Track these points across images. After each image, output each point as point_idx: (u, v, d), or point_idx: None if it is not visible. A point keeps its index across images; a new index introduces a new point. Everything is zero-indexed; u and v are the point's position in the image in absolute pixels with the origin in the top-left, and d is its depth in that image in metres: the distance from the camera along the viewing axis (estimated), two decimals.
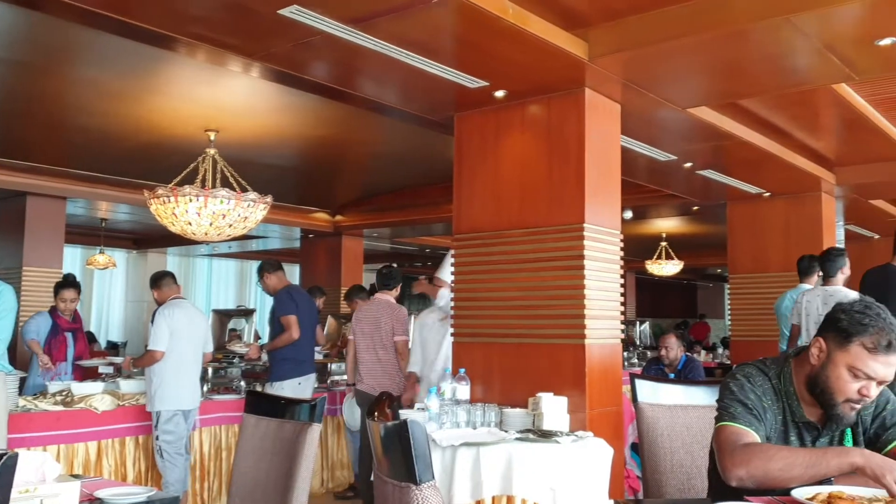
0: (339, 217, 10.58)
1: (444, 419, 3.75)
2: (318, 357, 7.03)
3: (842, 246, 8.47)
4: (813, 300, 5.76)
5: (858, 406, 1.99)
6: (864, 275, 4.71)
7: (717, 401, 2.13)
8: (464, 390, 4.14)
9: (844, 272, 5.73)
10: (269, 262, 5.85)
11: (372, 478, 1.94)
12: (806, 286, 5.87)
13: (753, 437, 2.00)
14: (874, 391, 1.97)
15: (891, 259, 4.44)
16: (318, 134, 6.64)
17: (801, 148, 6.34)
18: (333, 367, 6.67)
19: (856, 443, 2.11)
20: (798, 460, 1.90)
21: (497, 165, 4.65)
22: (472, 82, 4.22)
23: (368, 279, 12.19)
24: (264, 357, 5.93)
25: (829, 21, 3.48)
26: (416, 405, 4.40)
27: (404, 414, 3.78)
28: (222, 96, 5.56)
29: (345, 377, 6.68)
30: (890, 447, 2.06)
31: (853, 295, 4.98)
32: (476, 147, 4.76)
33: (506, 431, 3.72)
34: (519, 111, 4.57)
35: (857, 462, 1.85)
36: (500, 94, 4.42)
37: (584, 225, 4.23)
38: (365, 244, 11.52)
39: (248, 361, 6.11)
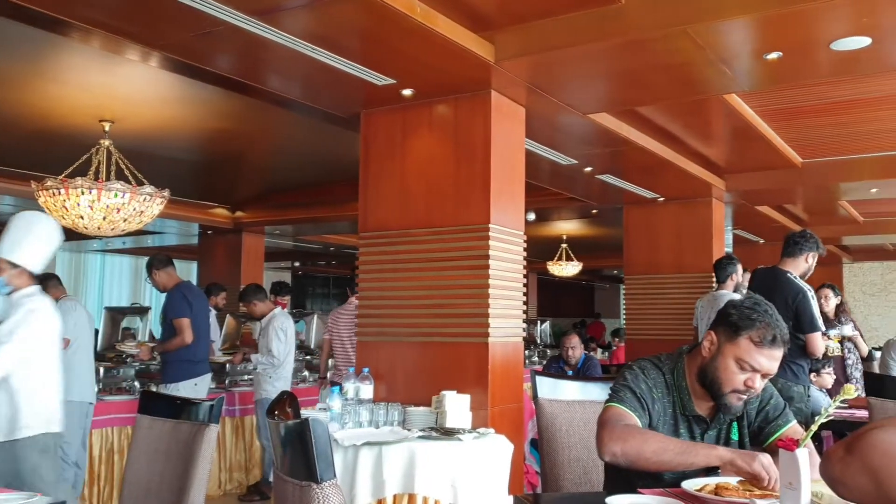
0: (239, 213, 10.32)
1: (347, 419, 3.72)
2: (219, 357, 6.85)
3: (730, 251, 8.91)
4: (704, 305, 6.09)
5: (745, 396, 2.11)
6: (753, 272, 4.99)
7: (611, 386, 2.23)
8: (367, 389, 4.12)
9: (734, 278, 6.08)
10: (159, 258, 5.63)
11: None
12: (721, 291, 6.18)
13: (636, 421, 2.11)
14: (759, 383, 2.09)
15: (779, 262, 4.71)
16: (220, 127, 6.46)
17: (694, 155, 6.62)
18: (231, 367, 6.51)
19: (741, 435, 2.23)
20: (670, 447, 2.01)
21: (404, 164, 4.65)
22: (379, 80, 4.20)
23: (270, 277, 11.97)
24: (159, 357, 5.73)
25: (723, 34, 3.65)
26: (318, 405, 4.35)
27: (305, 413, 3.73)
28: (118, 85, 5.33)
29: (246, 377, 6.58)
30: (772, 439, 2.18)
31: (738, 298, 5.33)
32: (383, 145, 4.74)
33: (409, 430, 3.73)
34: (426, 110, 4.59)
35: (725, 455, 1.96)
36: (407, 92, 4.42)
37: (490, 225, 4.29)
38: (266, 242, 11.28)
39: (140, 362, 5.88)
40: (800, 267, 4.54)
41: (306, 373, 6.75)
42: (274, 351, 5.83)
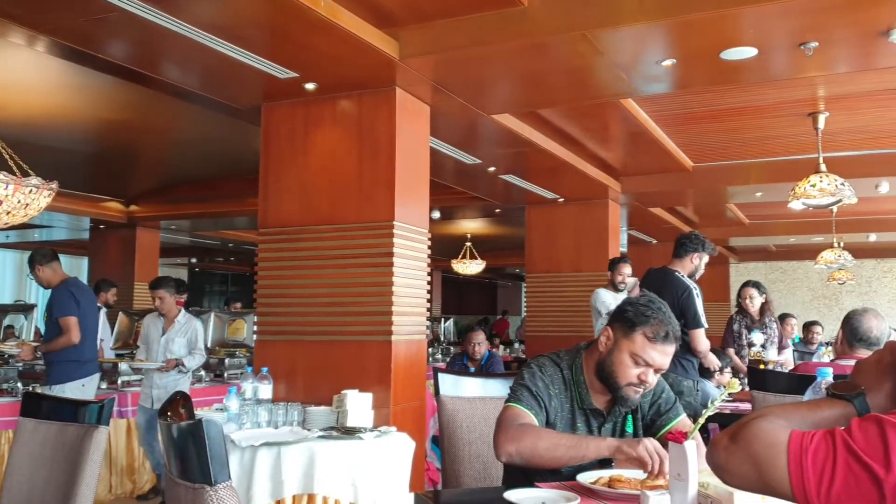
0: (133, 207, 9.92)
1: (245, 419, 3.64)
2: (111, 356, 6.57)
3: (625, 250, 9.23)
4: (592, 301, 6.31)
5: (639, 390, 2.19)
6: (646, 272, 5.17)
7: (511, 385, 2.28)
8: (266, 389, 4.03)
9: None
10: (42, 252, 5.33)
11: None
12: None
13: (532, 419, 2.16)
14: (652, 377, 2.18)
15: (669, 262, 4.91)
16: (114, 118, 6.19)
17: (592, 158, 6.81)
18: (123, 366, 6.25)
19: (635, 428, 2.31)
20: (562, 442, 2.08)
21: (306, 159, 4.58)
22: (281, 73, 4.12)
23: (165, 274, 11.54)
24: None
25: (620, 40, 3.77)
26: (215, 405, 4.24)
27: (201, 414, 3.62)
28: (2, 71, 5.02)
29: (136, 377, 6.31)
30: (663, 432, 2.26)
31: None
32: (284, 139, 4.66)
33: (308, 430, 3.68)
34: (330, 105, 4.53)
35: (612, 444, 2.05)
36: (310, 86, 4.36)
37: (394, 223, 4.28)
38: (162, 237, 10.89)
39: (23, 362, 5.56)
40: (687, 267, 4.76)
41: (203, 373, 6.55)
42: (203, 348, 5.68)
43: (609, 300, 6.05)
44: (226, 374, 6.58)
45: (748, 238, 11.99)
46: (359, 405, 3.88)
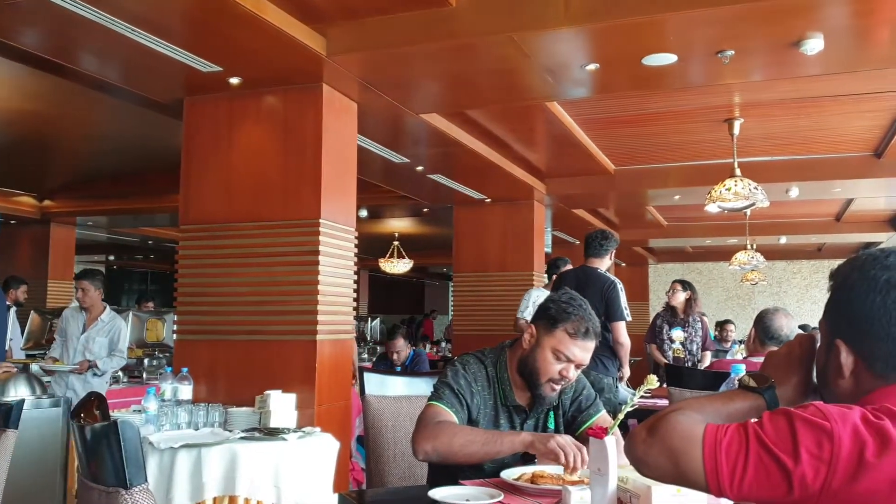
0: (47, 202, 9.53)
1: (164, 421, 3.54)
2: (21, 357, 6.28)
3: (549, 251, 9.38)
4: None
5: (559, 386, 2.23)
6: (562, 274, 5.28)
7: (434, 384, 2.30)
8: (186, 390, 3.94)
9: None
10: None
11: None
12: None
13: (452, 417, 2.18)
14: (573, 373, 2.23)
15: (586, 261, 5.02)
16: (26, 108, 5.92)
17: (519, 159, 6.89)
18: (34, 368, 5.99)
19: (557, 424, 2.36)
20: (477, 438, 2.11)
21: (230, 155, 4.49)
22: (204, 66, 4.03)
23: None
24: None
25: (546, 44, 3.82)
26: (133, 407, 4.12)
27: (116, 416, 3.51)
28: None
29: (47, 379, 6.06)
30: (583, 428, 2.31)
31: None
32: (207, 134, 4.55)
33: (230, 431, 3.61)
34: (254, 101, 4.45)
35: (526, 439, 2.08)
36: (234, 80, 4.27)
37: (320, 220, 4.23)
38: (78, 233, 10.49)
39: None
40: (605, 264, 4.91)
41: (120, 373, 6.34)
42: (125, 351, 5.46)
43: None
44: (144, 375, 6.39)
45: (666, 240, 12.35)
46: (282, 406, 3.83)
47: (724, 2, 3.31)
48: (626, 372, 4.85)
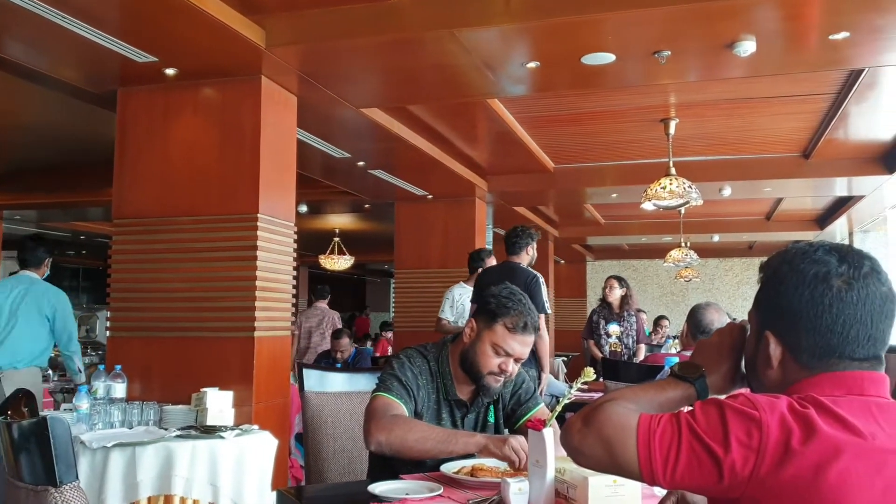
0: None
1: (97, 419, 3.44)
2: None
3: (488, 247, 9.43)
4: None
5: (500, 379, 2.26)
6: (483, 271, 5.31)
7: (378, 376, 2.29)
8: (119, 388, 3.83)
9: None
10: None
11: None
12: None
13: (402, 409, 2.19)
14: (512, 367, 2.25)
15: (507, 258, 5.10)
16: None
17: (460, 156, 6.92)
18: None
19: (496, 418, 2.38)
20: (433, 435, 2.11)
21: (165, 148, 4.39)
22: (138, 56, 3.93)
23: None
24: None
25: (487, 40, 3.85)
26: (64, 406, 3.99)
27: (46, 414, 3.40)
28: None
29: None
30: (523, 421, 2.34)
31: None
32: (142, 126, 4.44)
33: (166, 429, 3.53)
34: (191, 93, 4.36)
35: (481, 441, 2.09)
36: (170, 72, 4.18)
37: (258, 215, 4.17)
38: (5, 228, 10.11)
39: None
40: (525, 259, 4.99)
41: (50, 371, 6.14)
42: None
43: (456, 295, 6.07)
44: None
45: (604, 237, 12.57)
46: (219, 403, 3.76)
47: (660, 3, 3.39)
48: (546, 365, 4.89)
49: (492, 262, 6.26)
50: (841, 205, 9.60)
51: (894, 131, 6.25)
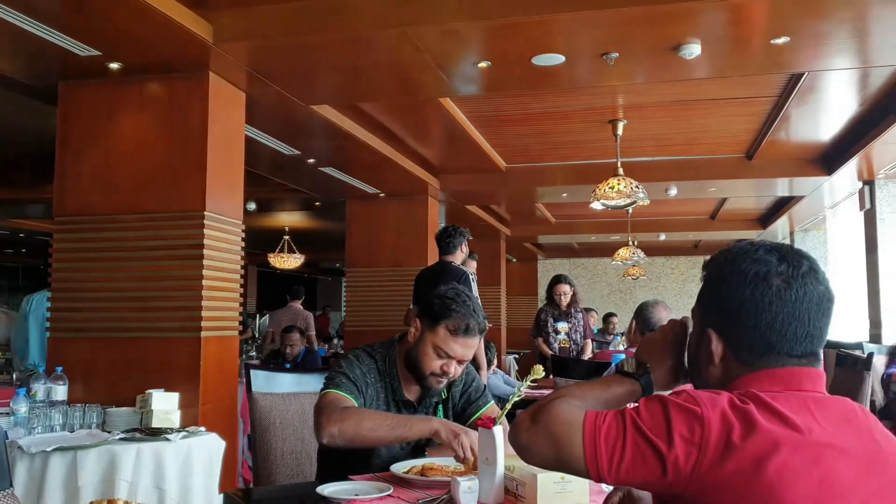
0: None
1: (36, 423, 3.35)
2: None
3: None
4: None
5: (443, 380, 2.25)
6: (421, 272, 5.33)
7: (326, 375, 2.26)
8: (60, 390, 3.74)
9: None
10: None
11: None
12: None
13: (352, 403, 2.17)
14: (455, 368, 2.24)
15: (441, 257, 5.14)
16: None
17: (413, 154, 6.91)
18: None
19: (446, 416, 2.38)
20: (385, 422, 2.10)
21: (109, 144, 4.28)
22: (80, 49, 3.82)
23: None
24: None
25: (439, 39, 3.84)
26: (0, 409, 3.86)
27: None
28: None
29: None
30: (474, 418, 2.34)
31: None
32: (85, 121, 4.32)
33: (109, 432, 3.45)
34: (137, 88, 4.27)
35: (436, 426, 2.08)
36: (114, 66, 4.08)
37: (205, 213, 4.10)
38: None
39: None
40: (459, 257, 5.04)
41: None
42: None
43: None
44: (14, 376, 6.01)
45: (555, 236, 12.69)
46: (164, 405, 3.71)
47: (608, 5, 3.43)
48: (483, 363, 4.93)
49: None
50: (782, 205, 9.86)
51: (833, 133, 6.44)
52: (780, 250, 1.23)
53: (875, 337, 7.11)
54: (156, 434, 3.40)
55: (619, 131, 6.10)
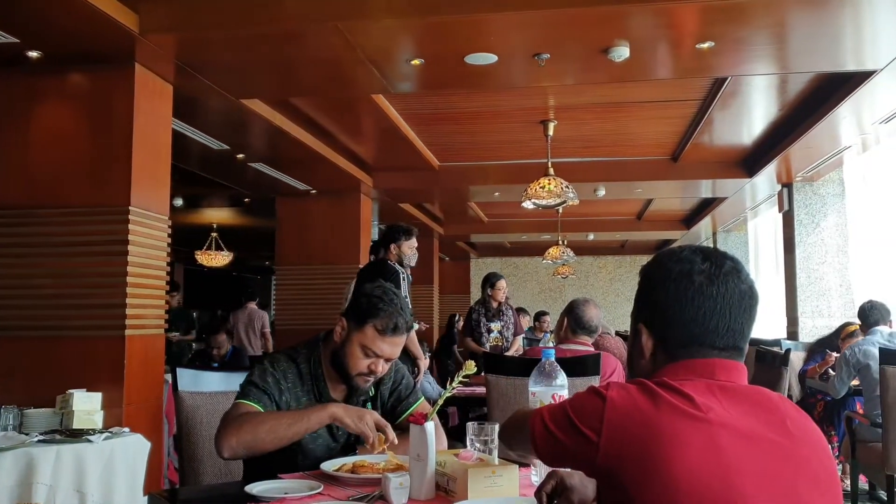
0: None
1: None
2: None
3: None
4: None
5: (370, 379, 2.22)
6: (360, 269, 5.33)
7: (240, 383, 2.19)
8: None
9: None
10: None
11: None
12: None
13: (258, 411, 2.10)
14: (382, 367, 2.21)
15: (382, 255, 5.15)
16: None
17: (345, 151, 6.86)
18: None
19: None
20: (283, 421, 2.04)
21: (28, 135, 4.13)
22: None
23: None
24: None
25: (371, 35, 3.83)
26: None
27: None
28: None
29: None
30: (405, 416, 2.33)
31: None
32: (2, 112, 4.15)
33: (27, 434, 3.32)
34: (58, 78, 4.12)
35: (336, 412, 2.04)
36: (33, 54, 3.93)
37: (130, 208, 3.99)
38: None
39: None
40: (392, 256, 5.07)
41: None
42: None
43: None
44: None
45: (487, 235, 12.79)
46: (86, 405, 3.59)
47: (540, 6, 3.48)
48: (420, 355, 4.95)
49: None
50: (706, 206, 10.17)
51: (754, 137, 6.68)
52: (705, 251, 1.32)
53: (792, 334, 7.40)
54: (77, 435, 3.29)
55: (550, 132, 6.18)
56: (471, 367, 1.94)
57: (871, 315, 4.87)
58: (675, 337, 1.28)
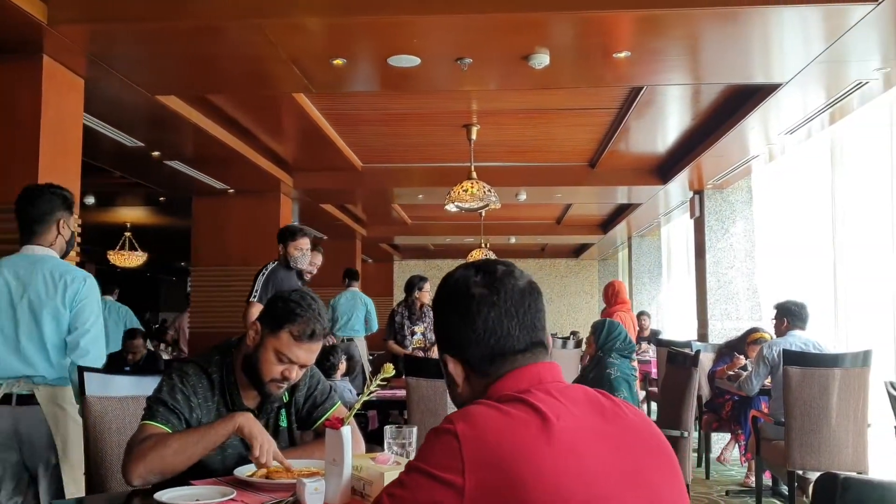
0: None
1: None
2: None
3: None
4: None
5: (283, 385, 2.17)
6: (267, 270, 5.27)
7: (147, 398, 2.11)
8: None
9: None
10: None
11: None
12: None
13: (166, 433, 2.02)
14: (296, 374, 2.16)
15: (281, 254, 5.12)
16: None
17: (265, 150, 6.74)
18: None
19: (289, 422, 2.29)
20: (190, 438, 1.98)
21: None
22: None
23: None
24: None
25: (293, 34, 3.78)
26: None
27: None
28: None
29: None
30: (321, 421, 2.29)
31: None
32: None
33: None
34: None
35: (240, 423, 1.99)
36: None
37: None
38: None
39: None
40: (292, 255, 5.03)
41: None
42: None
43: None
44: None
45: (411, 237, 12.80)
46: None
47: (461, 10, 3.50)
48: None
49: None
50: (622, 211, 10.45)
51: (668, 146, 6.90)
52: (477, 265, 1.33)
53: (703, 336, 7.67)
54: None
55: (473, 136, 6.24)
56: (389, 370, 1.93)
57: (803, 312, 4.87)
58: (477, 354, 1.27)
